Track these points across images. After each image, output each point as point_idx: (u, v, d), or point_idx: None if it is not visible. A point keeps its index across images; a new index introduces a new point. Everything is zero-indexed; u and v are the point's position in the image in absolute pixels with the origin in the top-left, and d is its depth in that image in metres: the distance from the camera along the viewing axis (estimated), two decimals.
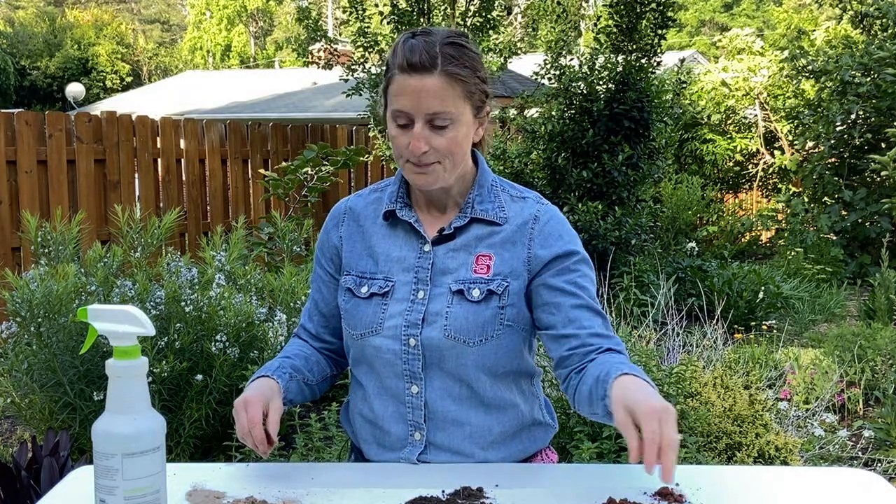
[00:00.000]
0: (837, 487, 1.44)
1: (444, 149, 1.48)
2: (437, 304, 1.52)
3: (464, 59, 1.47)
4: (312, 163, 5.31)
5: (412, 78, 1.44)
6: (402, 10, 7.61)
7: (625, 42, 7.34)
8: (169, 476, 1.28)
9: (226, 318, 3.31)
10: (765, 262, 9.08)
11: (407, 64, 1.44)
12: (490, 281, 1.51)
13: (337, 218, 1.66)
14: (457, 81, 1.45)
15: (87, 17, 34.83)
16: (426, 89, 1.44)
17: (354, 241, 1.62)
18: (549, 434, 1.69)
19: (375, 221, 1.61)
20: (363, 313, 1.56)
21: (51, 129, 5.56)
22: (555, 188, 7.36)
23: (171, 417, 3.26)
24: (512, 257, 1.53)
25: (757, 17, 37.60)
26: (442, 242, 1.56)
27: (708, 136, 12.10)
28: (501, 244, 1.54)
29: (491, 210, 1.56)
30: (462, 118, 1.48)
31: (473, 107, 1.51)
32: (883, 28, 10.31)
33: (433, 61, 1.44)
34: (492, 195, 1.58)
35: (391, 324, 1.53)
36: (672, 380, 3.22)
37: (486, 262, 1.53)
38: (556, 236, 1.56)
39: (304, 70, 15.39)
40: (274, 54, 39.11)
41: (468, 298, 1.51)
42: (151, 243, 3.62)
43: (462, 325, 1.50)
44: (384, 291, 1.55)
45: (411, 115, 1.46)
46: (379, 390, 1.57)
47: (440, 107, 1.45)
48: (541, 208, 1.58)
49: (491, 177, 1.61)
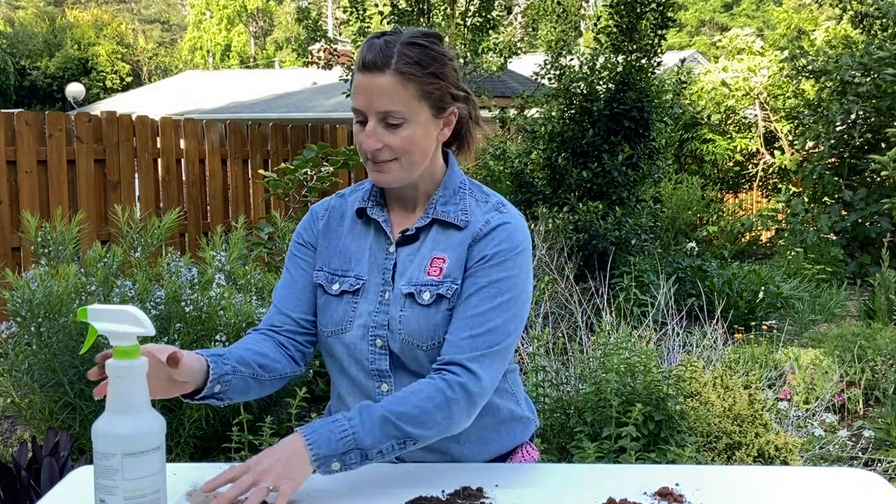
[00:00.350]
0: (837, 487, 1.44)
1: (398, 147, 1.48)
2: (394, 308, 1.52)
3: (422, 59, 1.47)
4: (312, 163, 5.31)
5: (365, 76, 1.46)
6: (402, 10, 7.62)
7: (625, 42, 7.34)
8: (169, 476, 1.28)
9: (226, 318, 3.31)
10: (765, 262, 9.07)
11: (362, 63, 1.47)
12: (440, 284, 1.50)
13: (317, 214, 1.66)
14: (409, 80, 1.45)
15: (87, 17, 34.83)
16: (377, 88, 1.45)
17: (329, 238, 1.62)
18: (530, 428, 1.69)
19: (351, 219, 1.62)
20: (334, 310, 1.56)
21: (51, 129, 5.56)
22: (555, 188, 7.37)
23: (171, 417, 3.26)
24: (459, 258, 1.52)
25: (757, 17, 37.60)
26: (406, 244, 1.56)
27: (708, 136, 12.10)
28: (455, 247, 1.53)
29: (453, 212, 1.55)
30: (417, 118, 1.48)
31: (432, 107, 1.50)
32: (883, 28, 10.31)
33: (386, 60, 1.45)
34: (457, 197, 1.57)
35: (360, 323, 1.53)
36: (672, 380, 3.22)
37: (440, 264, 1.52)
38: (494, 240, 1.51)
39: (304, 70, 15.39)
40: (274, 54, 39.11)
41: (419, 302, 1.50)
42: (151, 243, 3.62)
43: (414, 329, 1.50)
44: (355, 289, 1.55)
45: (365, 112, 1.48)
46: (352, 389, 1.58)
47: (391, 105, 1.45)
48: (495, 215, 1.54)
49: (459, 179, 1.60)
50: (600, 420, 3.08)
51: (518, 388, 1.68)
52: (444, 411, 1.41)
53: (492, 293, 1.48)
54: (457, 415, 1.42)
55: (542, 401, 3.40)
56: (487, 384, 1.46)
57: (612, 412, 2.92)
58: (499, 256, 1.50)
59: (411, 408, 1.39)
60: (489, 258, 1.50)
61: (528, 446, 1.69)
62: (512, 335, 1.50)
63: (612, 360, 3.26)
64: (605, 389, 3.07)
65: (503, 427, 1.62)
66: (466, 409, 1.43)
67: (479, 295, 1.48)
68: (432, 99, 1.49)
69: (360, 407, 1.38)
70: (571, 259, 6.34)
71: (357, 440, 1.34)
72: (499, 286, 1.49)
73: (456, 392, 1.42)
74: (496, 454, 1.63)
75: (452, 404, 1.41)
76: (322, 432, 1.34)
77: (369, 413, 1.37)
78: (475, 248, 1.51)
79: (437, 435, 1.42)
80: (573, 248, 6.57)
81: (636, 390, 3.10)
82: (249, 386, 1.52)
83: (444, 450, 1.56)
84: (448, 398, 1.41)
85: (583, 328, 4.20)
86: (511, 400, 1.64)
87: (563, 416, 3.33)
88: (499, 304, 1.48)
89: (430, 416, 1.39)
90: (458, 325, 1.48)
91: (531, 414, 1.70)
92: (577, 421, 3.21)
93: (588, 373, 3.43)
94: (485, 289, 1.48)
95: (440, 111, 1.51)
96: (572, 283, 5.18)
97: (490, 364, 1.46)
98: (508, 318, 1.49)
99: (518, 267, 1.51)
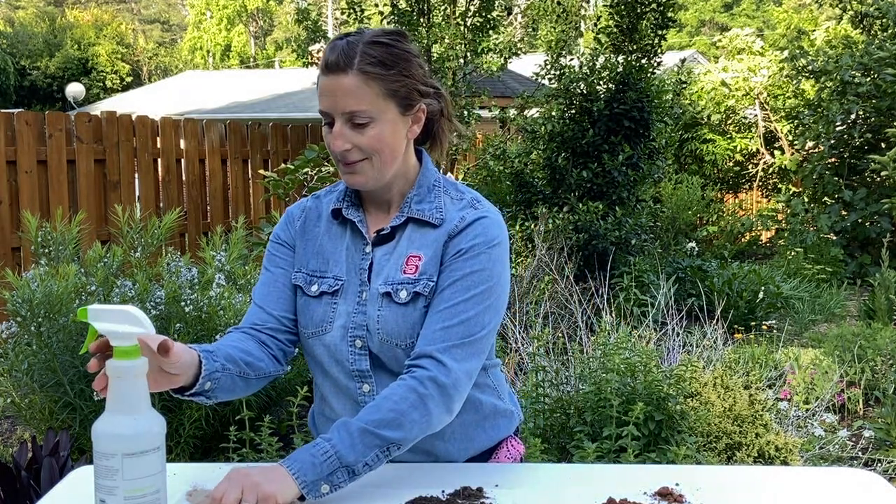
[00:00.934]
0: (837, 487, 1.44)
1: (367, 146, 1.47)
2: (371, 308, 1.52)
3: (385, 58, 1.46)
4: (313, 163, 5.30)
5: (328, 78, 1.46)
6: (401, 10, 7.61)
7: (625, 42, 7.34)
8: (169, 476, 1.28)
9: (226, 318, 3.31)
10: (765, 262, 9.07)
11: (325, 65, 1.47)
12: (416, 282, 1.50)
13: (293, 216, 1.65)
14: (373, 79, 1.45)
15: (87, 17, 34.83)
16: (341, 88, 1.45)
17: (307, 240, 1.62)
18: (514, 422, 1.69)
19: (327, 220, 1.61)
20: (314, 311, 1.56)
21: (51, 129, 5.56)
22: (555, 188, 7.37)
23: (171, 417, 3.26)
24: (435, 256, 1.51)
25: (757, 17, 37.61)
26: (382, 243, 1.56)
27: (708, 136, 12.09)
28: (431, 244, 1.52)
29: (427, 210, 1.54)
30: (384, 116, 1.47)
31: (399, 104, 1.49)
32: (883, 28, 10.31)
33: (349, 61, 1.44)
34: (432, 195, 1.56)
35: (339, 323, 1.53)
36: (672, 380, 3.22)
37: (416, 262, 1.51)
38: (469, 234, 1.51)
39: (304, 70, 15.38)
40: (274, 54, 39.11)
41: (395, 301, 1.50)
42: (151, 243, 3.61)
43: (392, 329, 1.50)
44: (334, 290, 1.55)
45: (331, 114, 1.47)
46: (334, 390, 1.58)
47: (355, 105, 1.45)
48: (470, 211, 1.53)
49: (434, 176, 1.59)
50: (600, 420, 3.08)
51: (500, 383, 1.68)
52: (419, 409, 1.39)
53: (465, 285, 1.48)
54: (433, 410, 1.41)
55: (542, 401, 3.40)
56: (460, 374, 1.44)
57: (613, 412, 2.92)
58: (474, 250, 1.49)
59: (387, 412, 1.37)
60: (464, 251, 1.49)
61: (513, 440, 1.69)
62: (486, 327, 1.48)
63: (612, 359, 3.26)
64: (605, 389, 3.07)
65: (487, 423, 1.62)
66: (442, 402, 1.42)
67: (453, 288, 1.48)
68: (398, 97, 1.48)
69: (337, 425, 1.37)
70: (571, 259, 6.34)
71: (340, 458, 1.32)
72: (472, 278, 1.48)
73: (427, 387, 1.40)
74: (481, 449, 1.62)
75: (427, 400, 1.40)
76: (304, 459, 1.32)
77: (347, 429, 1.35)
78: (450, 244, 1.50)
79: (419, 434, 1.41)
80: (573, 248, 6.57)
81: (636, 390, 3.10)
82: (236, 384, 1.50)
83: (428, 449, 1.56)
84: (421, 395, 1.40)
85: (583, 328, 4.20)
86: (493, 395, 1.64)
87: (563, 416, 3.33)
88: (472, 296, 1.47)
89: (406, 416, 1.38)
90: (432, 318, 1.47)
91: (514, 407, 1.70)
92: (577, 421, 3.21)
93: (588, 373, 3.43)
94: (458, 282, 1.48)
95: (407, 108, 1.51)
96: (572, 283, 5.18)
97: (462, 355, 1.44)
98: (482, 310, 1.47)
99: (493, 260, 1.50)
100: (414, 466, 1.54)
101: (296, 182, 5.24)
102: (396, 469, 1.52)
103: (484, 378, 1.62)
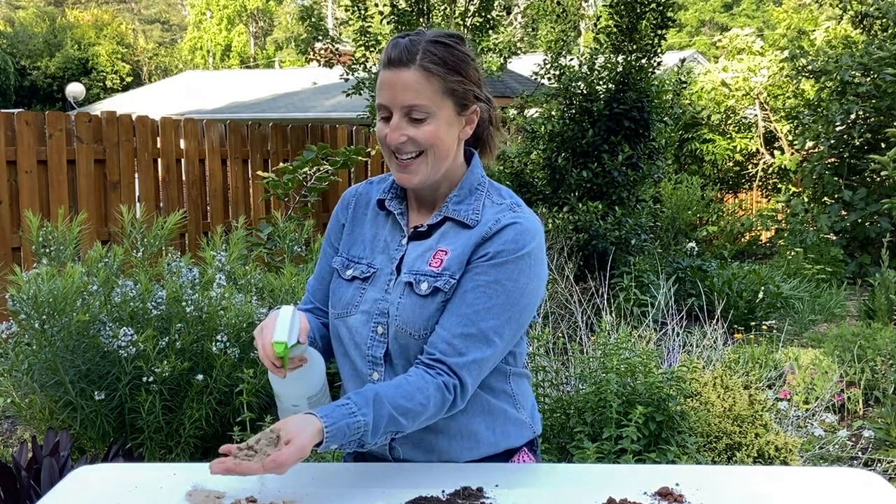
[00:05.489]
0: (837, 487, 1.44)
1: (423, 140, 1.50)
2: (394, 296, 1.55)
3: (446, 57, 1.50)
4: (312, 163, 5.30)
5: (390, 72, 1.49)
6: (401, 10, 7.61)
7: (625, 42, 7.34)
8: (169, 476, 1.28)
9: (226, 319, 3.31)
10: (765, 262, 9.08)
11: (388, 60, 1.50)
12: (439, 276, 1.51)
13: (347, 201, 1.71)
14: (434, 76, 1.48)
15: (87, 17, 34.84)
16: (402, 82, 1.48)
17: (354, 225, 1.67)
18: (525, 433, 1.65)
19: (373, 209, 1.66)
20: (343, 293, 1.60)
21: (51, 129, 5.56)
22: (555, 188, 7.37)
23: (171, 417, 3.26)
24: (462, 254, 1.52)
25: (757, 17, 37.60)
26: (417, 239, 1.58)
27: (708, 136, 12.10)
28: (461, 243, 1.54)
29: (463, 211, 1.56)
30: (441, 113, 1.50)
31: (456, 104, 1.52)
32: (883, 28, 10.31)
33: (412, 56, 1.48)
34: (472, 198, 1.58)
35: (364, 308, 1.57)
36: (672, 380, 3.22)
37: (442, 255, 1.54)
38: (499, 238, 1.51)
39: (304, 70, 15.40)
40: (274, 54, 39.11)
41: (416, 292, 1.52)
42: (153, 244, 3.62)
43: (409, 318, 1.52)
44: (365, 276, 1.59)
45: (389, 107, 1.50)
46: (352, 374, 1.61)
47: (415, 99, 1.48)
48: (507, 214, 1.54)
49: (478, 180, 1.61)
50: (600, 420, 3.08)
51: (522, 394, 1.65)
52: (437, 411, 1.46)
53: (489, 293, 1.49)
54: (440, 414, 1.48)
55: (542, 401, 3.40)
56: (471, 389, 1.50)
57: (613, 413, 2.92)
58: (501, 256, 1.50)
59: (416, 405, 1.43)
60: (491, 256, 1.50)
61: (526, 453, 1.65)
62: (505, 339, 1.50)
63: (612, 360, 3.26)
64: (605, 390, 3.07)
65: (497, 425, 1.60)
66: (449, 411, 1.49)
67: (476, 293, 1.49)
68: (455, 96, 1.52)
69: (376, 400, 1.40)
70: (571, 259, 6.34)
71: (364, 437, 1.38)
72: (495, 287, 1.49)
73: (453, 394, 1.47)
74: (487, 454, 1.60)
75: (446, 405, 1.47)
76: (340, 426, 1.36)
77: (380, 410, 1.40)
78: (480, 246, 1.52)
79: (416, 429, 1.48)
80: (573, 248, 6.57)
81: (636, 390, 3.10)
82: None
83: (430, 443, 1.56)
84: (445, 399, 1.46)
85: (583, 328, 4.20)
86: (508, 401, 1.62)
87: (563, 416, 3.33)
88: (494, 306, 1.48)
89: (425, 413, 1.44)
90: (451, 320, 1.49)
91: (531, 420, 1.66)
92: (578, 421, 3.20)
93: (588, 373, 3.43)
94: (481, 287, 1.49)
95: (463, 108, 1.54)
96: (572, 283, 5.18)
97: (479, 372, 1.50)
98: (503, 321, 1.49)
99: (519, 270, 1.50)
100: (414, 466, 1.54)
101: (295, 182, 5.24)
102: (396, 469, 1.52)
103: (501, 384, 1.61)
